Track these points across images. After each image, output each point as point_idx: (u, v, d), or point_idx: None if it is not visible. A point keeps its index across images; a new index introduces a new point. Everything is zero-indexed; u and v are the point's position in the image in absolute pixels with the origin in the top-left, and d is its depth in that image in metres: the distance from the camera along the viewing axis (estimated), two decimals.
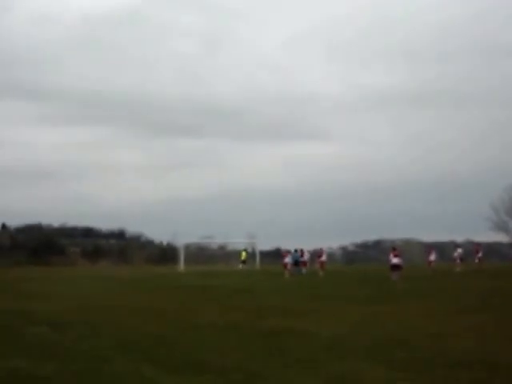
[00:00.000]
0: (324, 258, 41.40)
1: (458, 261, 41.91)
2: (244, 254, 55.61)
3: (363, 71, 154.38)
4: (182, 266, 58.58)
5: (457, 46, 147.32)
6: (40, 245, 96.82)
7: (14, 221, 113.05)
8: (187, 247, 69.75)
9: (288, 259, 40.29)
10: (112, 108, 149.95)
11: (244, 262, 53.83)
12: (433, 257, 40.87)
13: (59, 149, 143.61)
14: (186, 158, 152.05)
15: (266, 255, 56.98)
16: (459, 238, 78.40)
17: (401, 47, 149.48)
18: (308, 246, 42.73)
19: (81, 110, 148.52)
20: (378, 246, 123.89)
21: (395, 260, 31.97)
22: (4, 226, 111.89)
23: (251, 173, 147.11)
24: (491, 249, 41.85)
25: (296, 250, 44.20)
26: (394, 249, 34.37)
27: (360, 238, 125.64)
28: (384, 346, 10.55)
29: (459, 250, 42.83)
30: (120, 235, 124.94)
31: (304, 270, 41.27)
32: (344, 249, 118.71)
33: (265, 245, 56.09)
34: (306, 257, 43.36)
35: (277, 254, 48.68)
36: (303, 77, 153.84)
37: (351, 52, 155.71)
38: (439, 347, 10.37)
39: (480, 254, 41.06)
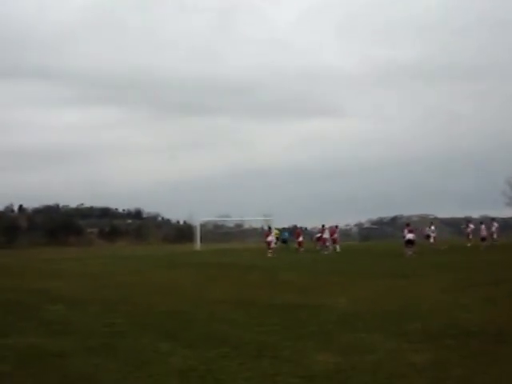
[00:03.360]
0: (336, 235, 41.58)
1: (471, 236, 41.98)
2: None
3: (377, 46, 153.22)
4: (198, 244, 58.98)
5: (469, 19, 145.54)
6: (57, 226, 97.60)
7: (32, 202, 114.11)
8: (203, 226, 70.09)
9: (271, 238, 40.70)
10: (125, 88, 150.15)
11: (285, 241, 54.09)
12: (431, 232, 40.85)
13: (74, 130, 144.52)
14: (201, 136, 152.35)
15: None
16: (475, 214, 78.03)
17: (414, 21, 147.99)
18: (324, 223, 42.77)
19: (94, 90, 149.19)
20: (393, 222, 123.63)
21: (410, 235, 32.08)
22: (21, 207, 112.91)
23: (265, 150, 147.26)
24: (507, 224, 41.60)
25: (284, 229, 48.39)
26: (408, 224, 34.49)
27: (376, 215, 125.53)
28: (397, 319, 10.62)
29: (471, 226, 42.88)
30: (137, 215, 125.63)
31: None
32: (360, 226, 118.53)
33: (281, 223, 56.31)
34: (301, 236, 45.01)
35: (293, 232, 49.63)
36: (316, 52, 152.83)
37: (365, 27, 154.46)
38: (451, 319, 10.42)
39: (494, 229, 40.79)
